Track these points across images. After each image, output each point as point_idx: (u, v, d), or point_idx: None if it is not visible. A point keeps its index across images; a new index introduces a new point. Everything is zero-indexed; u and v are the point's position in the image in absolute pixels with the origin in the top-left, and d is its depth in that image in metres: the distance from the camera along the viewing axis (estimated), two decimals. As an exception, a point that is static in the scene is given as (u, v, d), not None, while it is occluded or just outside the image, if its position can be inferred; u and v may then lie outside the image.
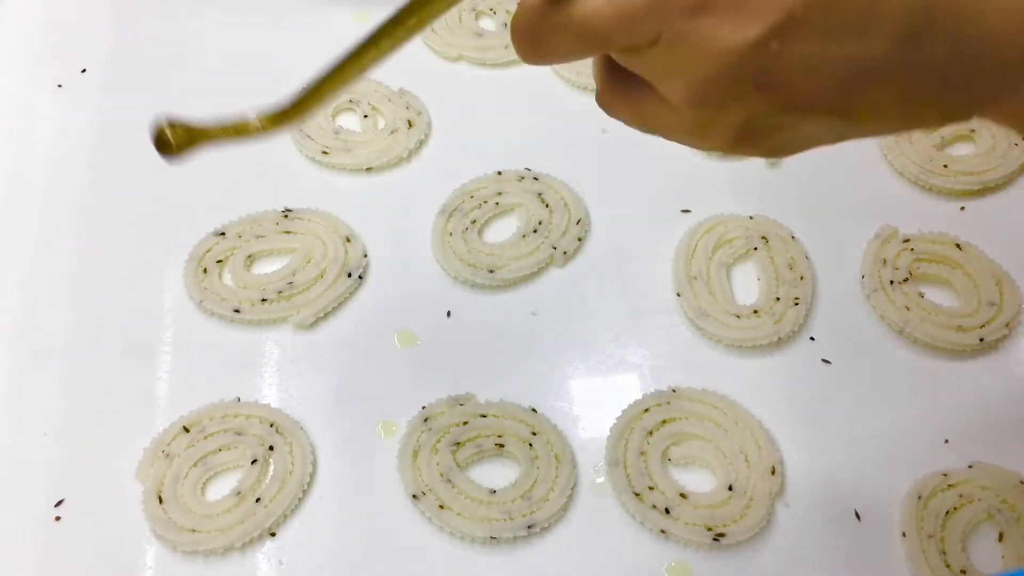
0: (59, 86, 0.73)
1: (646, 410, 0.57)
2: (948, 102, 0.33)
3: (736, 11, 0.30)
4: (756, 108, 0.33)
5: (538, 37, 0.33)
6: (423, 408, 0.58)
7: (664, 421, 0.57)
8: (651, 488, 0.55)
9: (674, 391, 0.58)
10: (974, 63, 0.31)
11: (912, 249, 0.64)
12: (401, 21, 0.33)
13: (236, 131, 0.39)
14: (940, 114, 0.33)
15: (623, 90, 0.35)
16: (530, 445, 0.56)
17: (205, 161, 0.72)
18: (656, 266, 0.64)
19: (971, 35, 0.31)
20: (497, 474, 0.56)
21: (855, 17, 0.30)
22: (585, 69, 0.72)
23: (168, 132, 0.38)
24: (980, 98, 0.32)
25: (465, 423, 0.57)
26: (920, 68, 0.31)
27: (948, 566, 0.52)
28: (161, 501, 0.54)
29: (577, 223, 0.66)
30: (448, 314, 0.62)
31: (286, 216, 0.65)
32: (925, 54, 0.31)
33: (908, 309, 0.61)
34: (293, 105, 0.38)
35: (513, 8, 0.33)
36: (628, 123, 0.36)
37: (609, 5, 0.31)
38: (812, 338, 0.62)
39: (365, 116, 0.71)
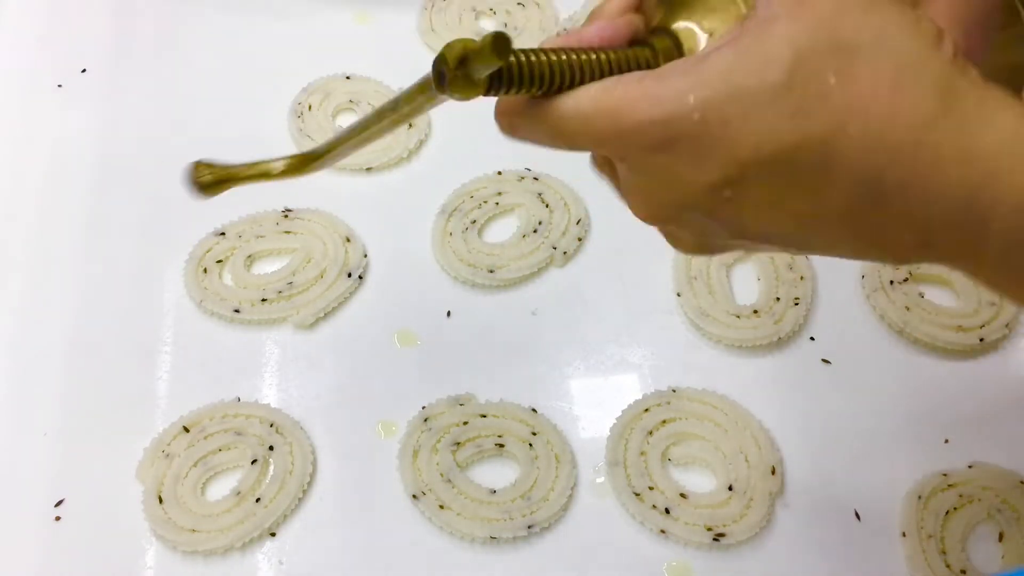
0: (59, 86, 0.73)
1: (646, 410, 0.57)
2: (903, 256, 0.34)
3: (695, 157, 0.32)
4: (710, 232, 0.35)
5: (514, 124, 0.35)
6: (423, 408, 0.58)
7: (664, 421, 0.57)
8: (651, 488, 0.55)
9: (674, 391, 0.58)
10: (927, 236, 0.32)
11: (912, 249, 0.64)
12: (397, 107, 0.37)
13: (261, 174, 0.42)
14: (896, 262, 0.35)
15: (607, 173, 0.37)
16: (530, 445, 0.56)
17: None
18: (656, 266, 0.64)
19: (922, 216, 0.31)
20: (497, 474, 0.56)
21: (807, 180, 0.31)
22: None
23: (202, 171, 0.42)
24: (937, 258, 0.33)
25: (465, 423, 0.57)
26: (873, 230, 0.32)
27: (948, 566, 0.52)
28: (161, 501, 0.54)
29: (577, 223, 0.66)
30: (448, 314, 0.62)
31: (286, 216, 0.65)
32: (877, 222, 0.32)
33: (908, 309, 0.61)
34: (316, 154, 0.41)
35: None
36: (611, 187, 0.38)
37: (578, 119, 0.33)
38: (812, 338, 0.62)
39: (365, 116, 0.71)
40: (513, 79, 0.33)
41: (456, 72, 0.31)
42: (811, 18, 0.31)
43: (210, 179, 0.41)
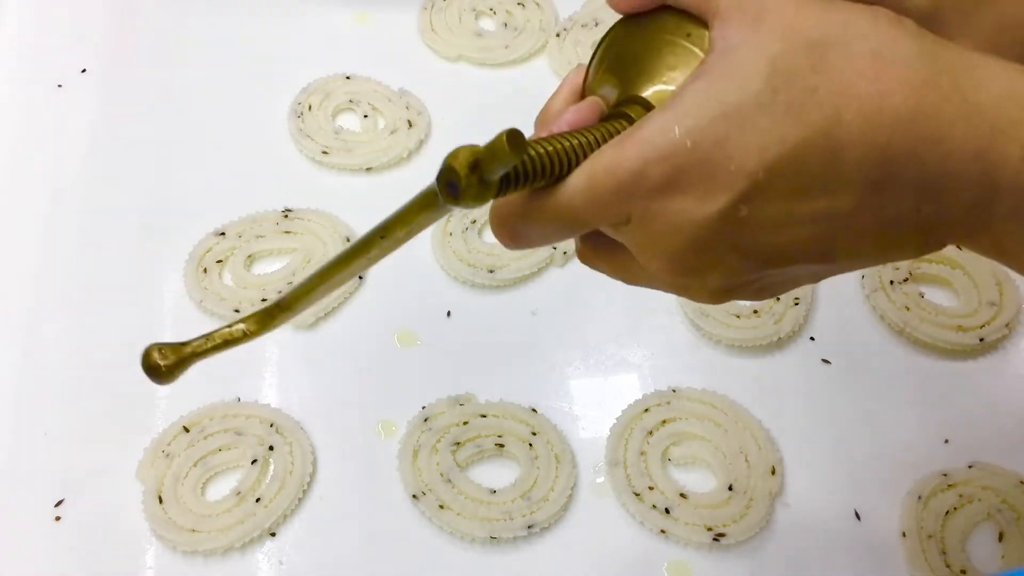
0: (59, 86, 0.73)
1: (646, 410, 0.57)
2: (922, 240, 0.33)
3: (700, 185, 0.31)
4: (735, 268, 0.33)
5: (516, 228, 0.35)
6: (423, 408, 0.57)
7: (664, 421, 0.57)
8: (651, 488, 0.55)
9: (674, 391, 0.58)
10: (943, 204, 0.31)
11: (912, 249, 0.64)
12: (390, 231, 0.34)
13: (225, 343, 0.38)
14: (916, 250, 0.34)
15: (603, 250, 0.36)
16: (530, 445, 0.56)
17: (205, 161, 0.73)
18: (656, 266, 0.64)
19: (936, 177, 0.31)
20: (497, 474, 0.56)
21: (818, 176, 0.31)
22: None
23: (156, 356, 0.37)
24: (954, 234, 0.33)
25: (465, 423, 0.57)
26: (890, 214, 0.32)
27: (948, 566, 0.52)
28: (161, 501, 0.54)
29: (577, 223, 0.65)
30: (448, 314, 0.62)
31: (286, 216, 0.65)
32: (893, 201, 0.31)
33: (908, 309, 0.61)
34: (279, 307, 0.38)
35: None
36: (610, 276, 0.37)
37: (581, 194, 0.32)
38: (812, 338, 0.62)
39: (365, 116, 0.71)
40: (520, 174, 0.32)
41: (470, 179, 0.30)
42: (773, 29, 0.31)
43: (172, 360, 0.37)
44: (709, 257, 0.33)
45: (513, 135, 0.29)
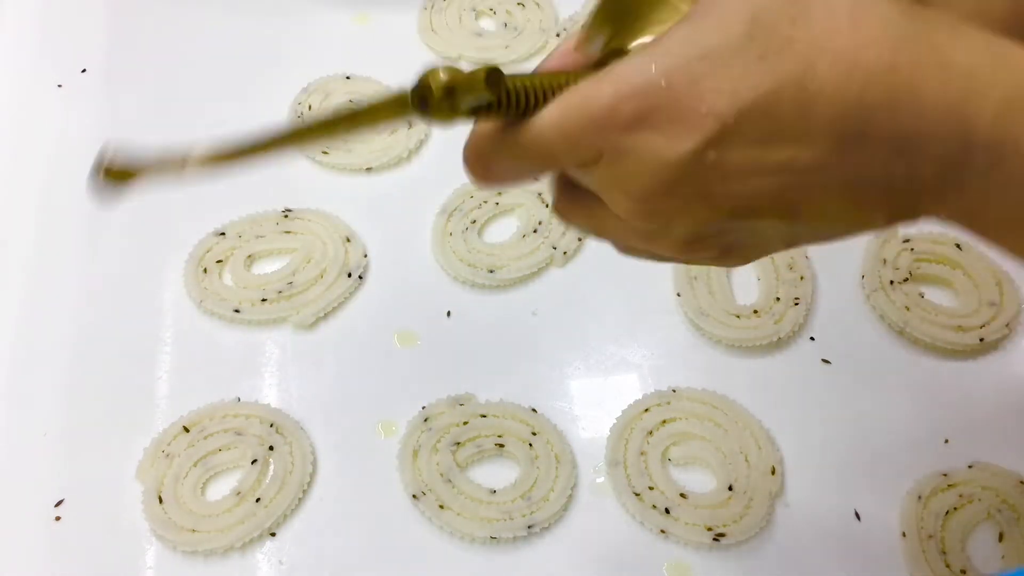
0: (59, 86, 0.73)
1: (646, 410, 0.57)
2: (893, 203, 0.33)
3: (671, 124, 0.31)
4: (701, 217, 0.33)
5: (488, 162, 0.35)
6: (423, 408, 0.57)
7: (664, 421, 0.57)
8: (651, 488, 0.55)
9: (674, 391, 0.58)
10: (915, 162, 0.31)
11: (912, 249, 0.64)
12: (357, 122, 0.34)
13: (174, 167, 0.37)
14: (886, 216, 0.34)
15: (577, 201, 0.36)
16: (530, 445, 0.56)
17: (205, 161, 0.72)
18: (656, 266, 0.64)
19: (909, 133, 0.31)
20: (497, 474, 0.56)
21: (789, 124, 0.31)
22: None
23: (109, 161, 0.36)
24: (925, 197, 0.33)
25: (465, 423, 0.57)
26: (861, 170, 0.32)
27: (948, 566, 0.52)
28: (161, 501, 0.54)
29: (577, 223, 0.66)
30: (448, 314, 0.62)
31: (286, 216, 0.65)
32: (865, 156, 0.32)
33: (908, 309, 0.61)
34: (229, 151, 0.37)
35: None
36: (584, 231, 0.37)
37: (552, 127, 0.33)
38: (812, 338, 0.62)
39: (365, 116, 0.71)
40: (494, 104, 0.32)
41: (442, 103, 0.31)
42: None
43: (119, 172, 0.37)
44: (676, 201, 0.33)
45: (492, 73, 0.30)
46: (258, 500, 0.54)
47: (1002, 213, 0.32)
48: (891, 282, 0.63)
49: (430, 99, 0.31)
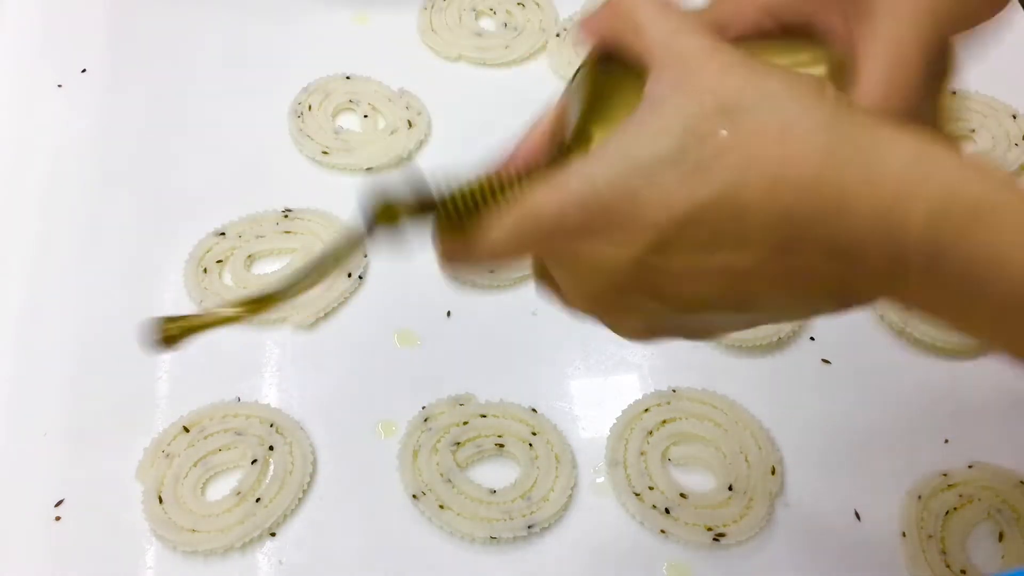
0: (59, 86, 0.73)
1: (646, 410, 0.57)
2: (839, 297, 0.34)
3: (614, 234, 0.33)
4: (655, 312, 0.36)
5: (455, 267, 0.38)
6: (423, 408, 0.57)
7: (664, 421, 0.57)
8: (651, 488, 0.55)
9: (674, 391, 0.58)
10: (852, 265, 0.32)
11: (912, 249, 0.64)
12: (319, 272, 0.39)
13: (221, 320, 0.43)
14: (837, 306, 0.35)
15: (547, 281, 0.39)
16: (530, 445, 0.56)
17: (205, 161, 0.73)
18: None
19: (841, 243, 0.32)
20: (497, 474, 0.56)
21: (726, 232, 0.32)
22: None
23: (165, 326, 0.42)
24: (871, 291, 0.34)
25: (465, 423, 0.57)
26: (801, 272, 0.33)
27: (948, 566, 0.52)
28: (161, 501, 0.54)
29: (577, 223, 0.65)
30: (448, 314, 0.62)
31: (286, 216, 0.65)
32: (801, 261, 0.33)
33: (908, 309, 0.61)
34: (271, 296, 0.42)
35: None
36: (554, 302, 0.40)
37: (507, 234, 0.35)
38: (812, 338, 0.62)
39: (365, 116, 0.71)
40: (440, 210, 0.35)
41: (387, 229, 0.35)
42: (696, 89, 0.32)
43: (176, 332, 0.42)
44: (628, 300, 0.35)
45: (424, 199, 0.35)
46: (258, 500, 0.54)
47: (948, 305, 0.33)
48: (891, 282, 0.63)
49: (376, 228, 0.35)
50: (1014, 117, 0.71)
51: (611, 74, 0.36)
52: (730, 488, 0.55)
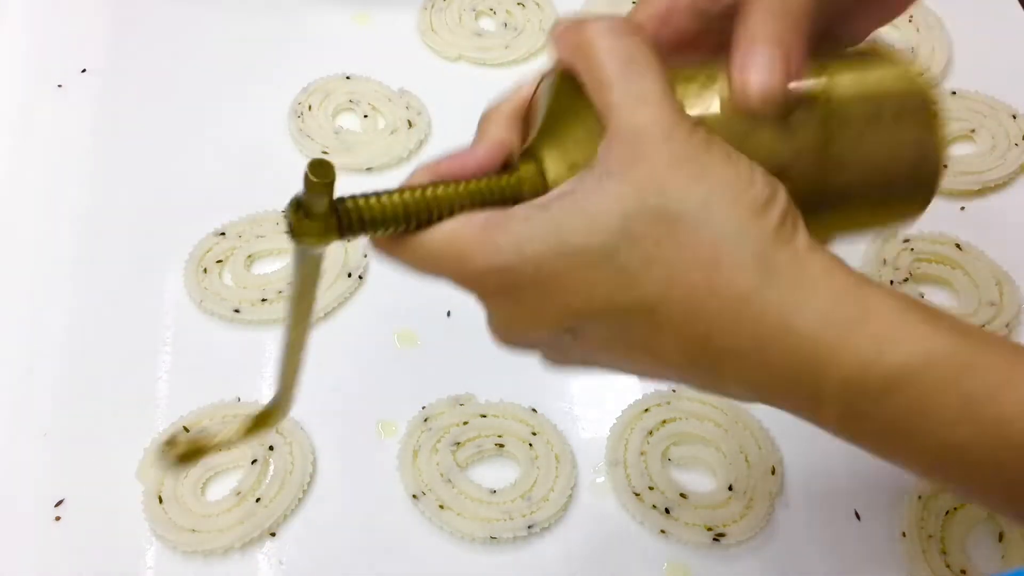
0: (59, 86, 0.73)
1: (646, 410, 0.57)
2: (759, 402, 0.34)
3: (532, 303, 0.34)
4: (566, 360, 0.37)
5: (387, 255, 0.38)
6: (423, 408, 0.57)
7: (664, 421, 0.57)
8: (651, 488, 0.55)
9: (674, 391, 0.58)
10: (772, 402, 0.33)
11: (912, 249, 0.64)
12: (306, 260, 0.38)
13: (228, 441, 0.45)
14: (757, 401, 0.35)
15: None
16: (530, 445, 0.56)
17: (205, 161, 0.73)
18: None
19: (758, 382, 0.32)
20: (497, 474, 0.56)
21: (638, 342, 0.33)
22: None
23: (170, 448, 0.44)
24: (799, 415, 0.34)
25: (465, 423, 0.57)
26: (714, 386, 0.34)
27: (948, 566, 0.52)
28: (161, 501, 0.54)
29: (577, 223, 0.65)
30: (448, 314, 0.62)
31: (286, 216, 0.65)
32: (721, 385, 0.33)
33: (908, 309, 0.61)
34: (275, 406, 0.44)
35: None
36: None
37: (430, 258, 0.35)
38: (812, 338, 0.62)
39: (365, 116, 0.71)
40: (354, 223, 0.35)
41: (297, 215, 0.34)
42: (641, 181, 0.32)
43: (185, 450, 0.44)
44: (541, 349, 0.37)
45: (313, 165, 0.33)
46: (258, 500, 0.54)
47: (874, 449, 0.34)
48: (891, 282, 0.63)
49: (291, 218, 0.34)
50: (1014, 117, 0.71)
51: (575, 89, 0.35)
52: (730, 488, 0.55)
